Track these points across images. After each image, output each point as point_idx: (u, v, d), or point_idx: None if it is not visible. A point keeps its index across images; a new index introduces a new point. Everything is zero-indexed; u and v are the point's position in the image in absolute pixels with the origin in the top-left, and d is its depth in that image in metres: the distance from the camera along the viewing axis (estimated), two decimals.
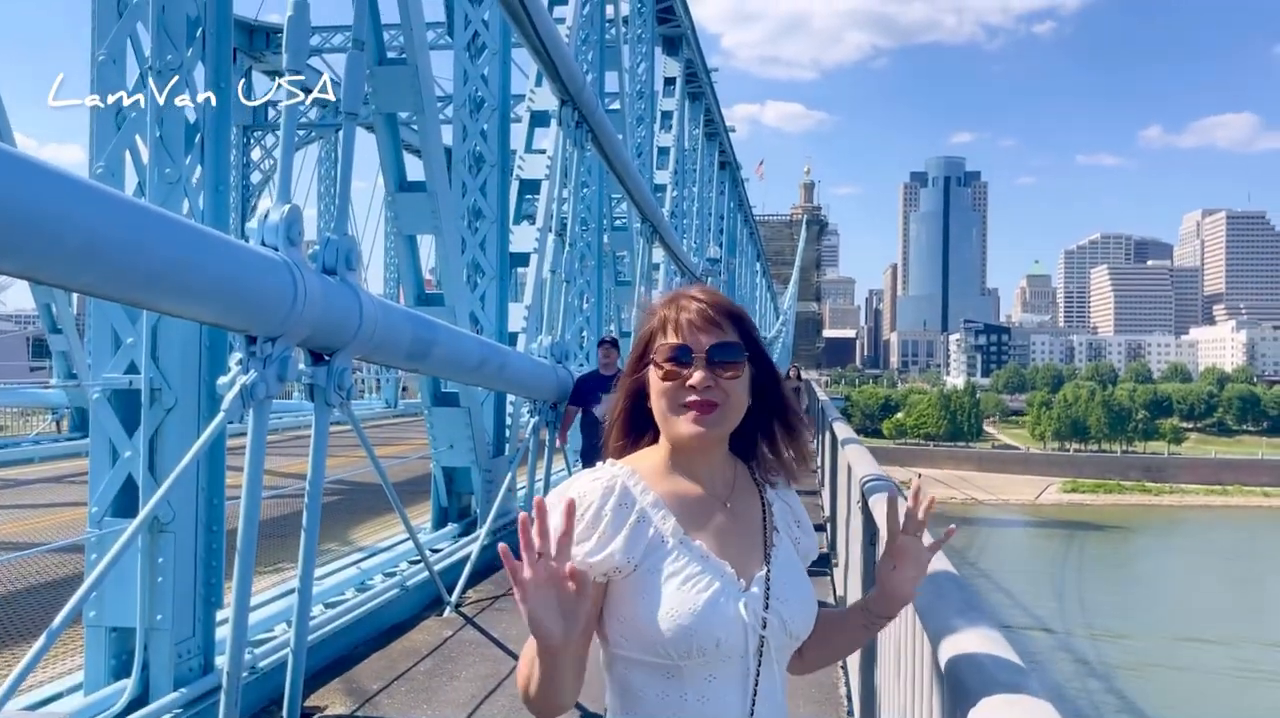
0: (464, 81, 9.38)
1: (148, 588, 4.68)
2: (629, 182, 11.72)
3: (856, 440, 6.55)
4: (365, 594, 7.05)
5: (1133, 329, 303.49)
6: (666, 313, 1.68)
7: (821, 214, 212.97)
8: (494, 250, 9.36)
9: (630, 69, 19.28)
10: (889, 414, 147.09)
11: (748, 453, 1.76)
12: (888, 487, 4.12)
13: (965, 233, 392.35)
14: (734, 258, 45.05)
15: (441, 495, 9.14)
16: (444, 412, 8.73)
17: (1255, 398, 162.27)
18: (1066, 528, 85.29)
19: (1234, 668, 41.44)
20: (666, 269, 21.14)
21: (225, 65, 5.02)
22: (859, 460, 5.08)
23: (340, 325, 4.80)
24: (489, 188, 9.34)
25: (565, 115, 9.45)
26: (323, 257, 4.87)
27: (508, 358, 7.64)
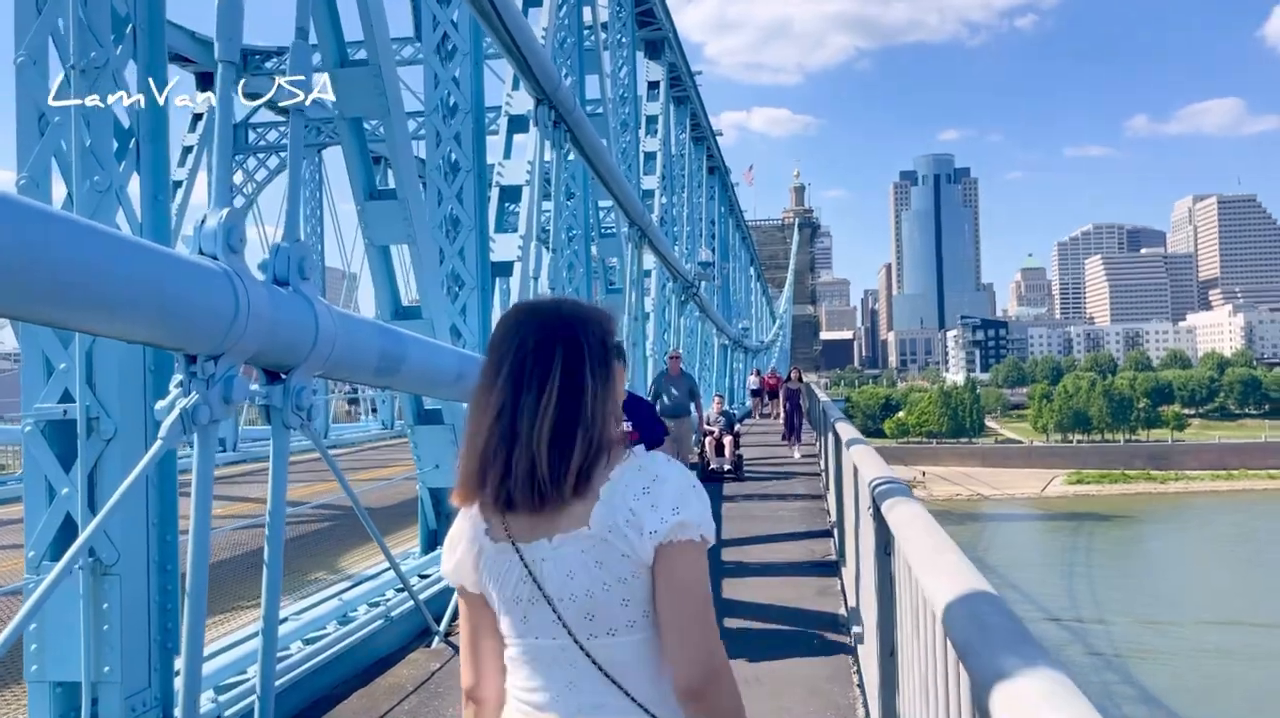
0: (435, 85, 9.00)
1: (92, 637, 4.26)
2: (614, 184, 11.31)
3: (862, 441, 6.15)
4: (347, 627, 6.63)
5: (1129, 318, 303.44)
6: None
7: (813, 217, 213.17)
8: (474, 259, 8.96)
9: (612, 74, 18.92)
10: (890, 414, 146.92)
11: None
12: (901, 490, 3.71)
13: (957, 230, 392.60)
14: (727, 262, 44.69)
15: (430, 517, 8.72)
16: (427, 430, 8.32)
17: (1256, 381, 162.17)
18: (1073, 520, 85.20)
19: (1246, 651, 41.53)
20: (659, 275, 20.76)
21: (160, 66, 4.64)
22: (867, 463, 4.67)
23: (294, 340, 4.38)
24: (465, 195, 8.94)
25: (541, 115, 9.05)
26: (273, 266, 4.46)
27: None
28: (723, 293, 42.48)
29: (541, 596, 1.71)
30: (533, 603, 1.72)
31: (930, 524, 2.85)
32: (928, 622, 2.54)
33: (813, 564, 8.74)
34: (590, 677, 1.71)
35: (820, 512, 12.17)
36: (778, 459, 19.81)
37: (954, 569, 2.25)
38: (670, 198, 24.97)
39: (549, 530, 1.72)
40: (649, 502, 1.70)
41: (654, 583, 1.70)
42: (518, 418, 1.72)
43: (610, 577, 1.69)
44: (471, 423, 1.79)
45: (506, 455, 1.71)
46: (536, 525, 1.72)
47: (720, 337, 35.05)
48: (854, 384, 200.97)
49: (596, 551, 1.69)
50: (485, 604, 1.81)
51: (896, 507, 3.36)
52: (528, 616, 1.73)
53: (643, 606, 1.71)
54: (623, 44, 19.61)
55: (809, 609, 7.07)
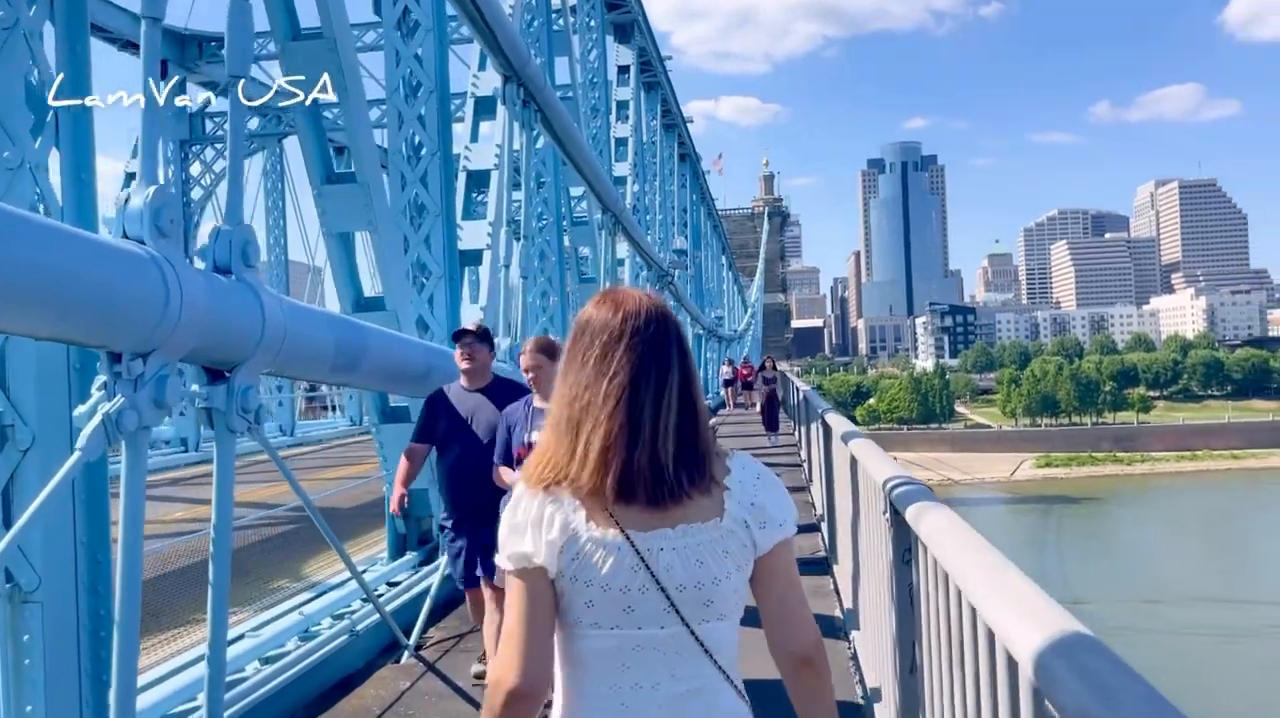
0: (396, 64, 8.48)
1: (11, 673, 3.76)
2: (586, 169, 10.82)
3: (859, 434, 5.74)
4: (310, 644, 6.15)
5: (1095, 302, 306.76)
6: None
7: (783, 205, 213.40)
8: (440, 247, 8.47)
9: (581, 57, 18.42)
10: (861, 401, 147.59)
11: None
12: (923, 493, 3.31)
13: (925, 217, 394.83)
14: (699, 251, 44.29)
15: (398, 521, 8.24)
16: (394, 428, 7.83)
17: (1219, 363, 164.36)
18: (1043, 503, 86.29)
19: (1212, 627, 42.54)
20: (632, 264, 20.30)
21: (80, 30, 4.14)
22: (876, 460, 4.25)
23: (237, 334, 3.91)
24: (431, 179, 8.44)
25: (510, 93, 8.53)
26: (213, 252, 3.99)
27: (455, 364, 6.75)
28: (696, 282, 42.10)
29: (655, 585, 1.72)
30: (643, 593, 1.72)
31: (977, 540, 2.44)
32: (983, 652, 2.16)
33: (802, 563, 8.32)
34: (693, 661, 1.74)
35: (805, 505, 11.80)
36: (755, 450, 19.49)
37: (1031, 603, 1.86)
38: (643, 185, 24.50)
39: (669, 520, 1.73)
40: (767, 497, 1.79)
41: (766, 570, 1.79)
42: (639, 407, 1.74)
43: (732, 565, 1.75)
44: (569, 409, 1.77)
45: (628, 446, 1.72)
46: (652, 518, 1.73)
47: (695, 326, 34.66)
48: (825, 372, 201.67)
49: (725, 540, 1.74)
50: (552, 592, 1.77)
51: (925, 514, 2.95)
52: (634, 606, 1.73)
53: (743, 591, 1.79)
54: (592, 27, 19.10)
55: None
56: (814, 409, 10.61)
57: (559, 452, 1.76)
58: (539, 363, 4.70)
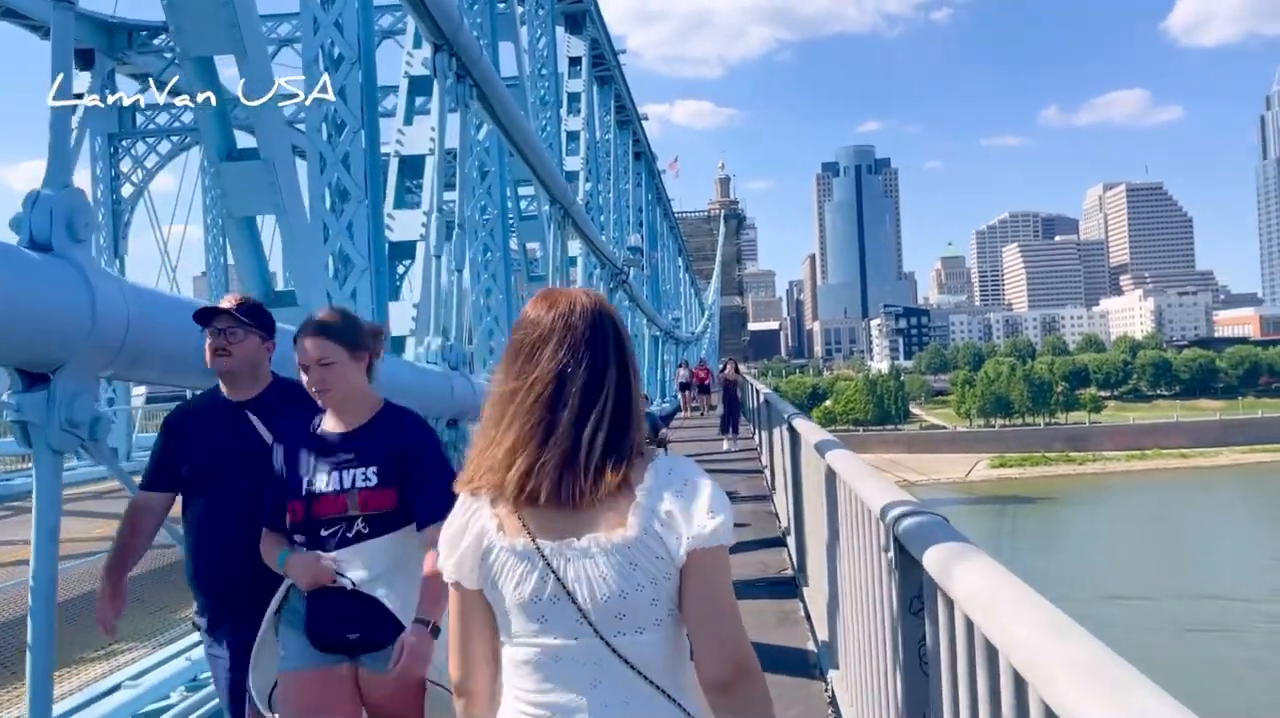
0: (314, 31, 7.57)
1: None
2: (531, 155, 9.92)
3: (837, 444, 4.94)
4: (199, 695, 5.25)
5: (1046, 304, 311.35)
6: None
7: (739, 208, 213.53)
8: (364, 237, 7.57)
9: (529, 45, 17.56)
10: (817, 403, 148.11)
11: None
12: (940, 528, 2.53)
13: (879, 219, 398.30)
14: (656, 251, 43.52)
15: None
16: None
17: (1167, 363, 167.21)
18: (998, 503, 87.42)
19: (1164, 622, 43.47)
20: (585, 262, 19.47)
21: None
22: (869, 483, 3.44)
23: (56, 326, 3.04)
24: (353, 161, 7.55)
25: (440, 64, 7.61)
26: (29, 222, 3.11)
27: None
28: (652, 283, 41.33)
29: (566, 595, 1.67)
30: (554, 602, 1.68)
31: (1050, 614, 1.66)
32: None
33: (768, 583, 7.57)
34: (616, 674, 1.69)
35: (768, 516, 11.04)
36: (712, 456, 18.72)
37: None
38: (595, 183, 23.67)
39: (577, 530, 1.69)
40: (684, 504, 1.69)
41: (684, 583, 1.70)
42: (559, 408, 1.69)
43: (644, 577, 1.68)
44: (495, 409, 1.73)
45: (540, 448, 1.67)
46: (562, 524, 1.69)
47: (651, 328, 33.84)
48: (781, 374, 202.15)
49: (632, 552, 1.67)
50: (481, 602, 1.76)
51: (954, 564, 2.17)
52: (547, 616, 1.69)
53: (668, 604, 1.71)
54: (540, 15, 18.23)
55: (769, 644, 5.89)
56: (776, 413, 9.86)
57: (483, 452, 1.72)
58: (325, 354, 2.88)
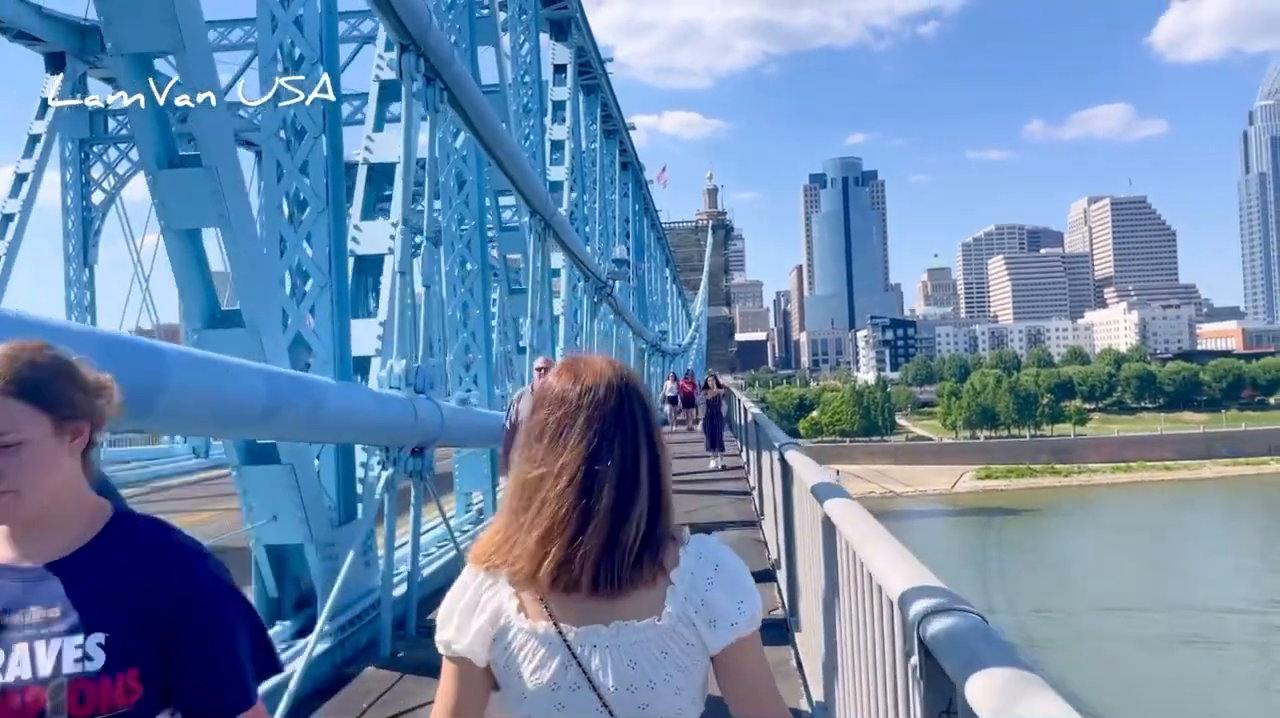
0: (272, 29, 7.04)
1: None
2: (508, 163, 9.36)
3: (842, 493, 4.37)
4: None
5: (1031, 316, 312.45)
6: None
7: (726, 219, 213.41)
8: (324, 249, 7.02)
9: (512, 51, 17.03)
10: (804, 413, 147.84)
11: None
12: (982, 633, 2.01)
13: (866, 231, 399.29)
14: (643, 263, 43.01)
15: (268, 584, 6.75)
16: (260, 472, 6.36)
17: (1151, 376, 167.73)
18: (983, 514, 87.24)
19: (1149, 635, 43.14)
20: (569, 275, 18.93)
21: None
22: (883, 554, 2.88)
23: None
24: (313, 168, 7.00)
25: (408, 65, 7.05)
26: None
27: (324, 395, 5.29)
28: (639, 295, 40.82)
29: (587, 683, 1.62)
30: (575, 690, 1.62)
31: None
32: None
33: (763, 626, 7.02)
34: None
35: (756, 544, 10.50)
36: (697, 475, 18.15)
37: None
38: (581, 193, 23.15)
39: (604, 616, 1.62)
40: (718, 592, 1.66)
41: (720, 671, 1.67)
42: (593, 495, 1.62)
43: (673, 667, 1.63)
44: (522, 493, 1.66)
45: (576, 531, 1.61)
46: (590, 610, 1.62)
47: (637, 340, 33.29)
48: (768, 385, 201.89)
49: (665, 640, 1.62)
50: (485, 678, 1.71)
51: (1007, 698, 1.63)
52: (565, 704, 1.63)
53: (692, 692, 1.67)
54: (524, 20, 17.71)
55: None
56: (766, 437, 9.32)
57: (507, 530, 1.66)
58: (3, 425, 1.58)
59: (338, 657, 6.75)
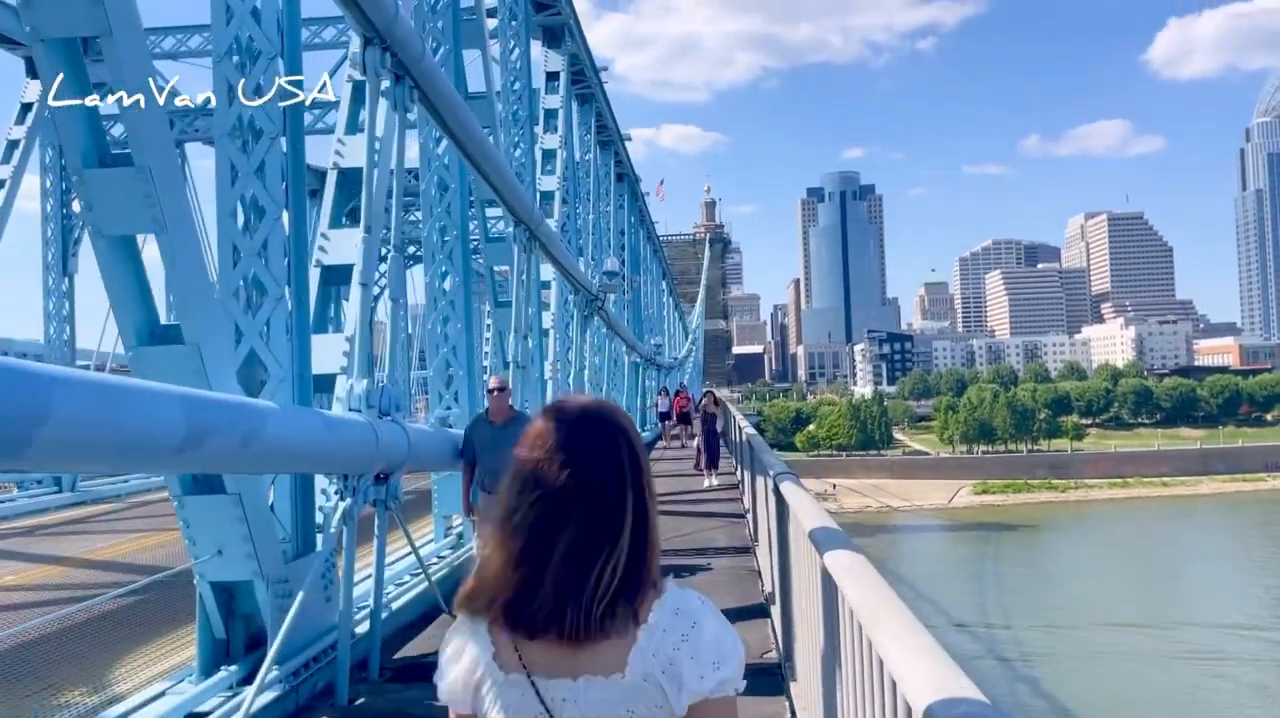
0: (226, 20, 6.49)
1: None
2: (490, 169, 8.76)
3: (849, 544, 3.77)
4: None
5: (1028, 331, 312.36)
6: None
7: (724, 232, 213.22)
8: (279, 259, 6.46)
9: (502, 56, 16.52)
10: (801, 427, 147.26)
11: None
12: None
13: (863, 245, 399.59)
14: (638, 276, 42.45)
15: (215, 625, 6.15)
16: (202, 502, 5.77)
17: (1148, 391, 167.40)
18: (980, 529, 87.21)
19: (1144, 650, 43.27)
20: (559, 288, 18.37)
21: None
22: (895, 636, 2.33)
23: None
24: (270, 171, 6.45)
25: (372, 60, 6.50)
26: None
27: (262, 422, 4.70)
28: (634, 308, 40.27)
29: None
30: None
31: None
32: None
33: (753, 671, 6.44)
34: None
35: (750, 574, 9.92)
36: (691, 494, 17.56)
37: None
38: (574, 204, 22.62)
39: (573, 669, 1.58)
40: (689, 652, 1.58)
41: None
42: (564, 526, 1.58)
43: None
44: (499, 529, 1.64)
45: (535, 576, 1.57)
46: (559, 661, 1.58)
47: (631, 354, 32.68)
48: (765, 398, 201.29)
49: (630, 698, 1.57)
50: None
51: None
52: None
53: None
54: (514, 25, 17.19)
55: None
56: (760, 462, 8.76)
57: (490, 574, 1.62)
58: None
59: (290, 704, 6.16)
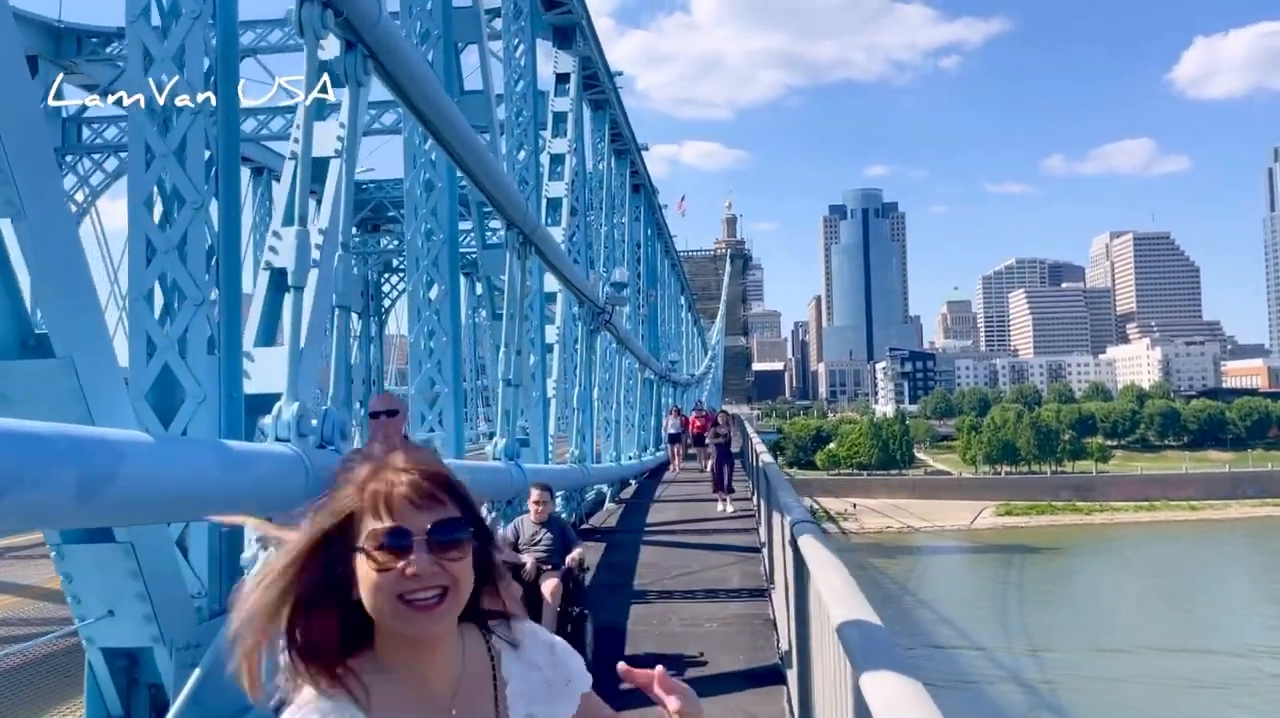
0: None
1: None
2: (466, 154, 7.58)
3: (885, 647, 2.68)
4: None
5: (1052, 350, 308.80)
6: (373, 486, 1.50)
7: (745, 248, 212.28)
8: (203, 258, 5.41)
9: (505, 53, 15.50)
10: (821, 445, 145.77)
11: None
12: None
13: (885, 263, 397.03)
14: (654, 290, 41.29)
15: (110, 699, 5.04)
16: (85, 553, 4.68)
17: (1175, 413, 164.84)
18: (1003, 552, 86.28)
19: (1169, 677, 42.59)
20: (565, 301, 17.27)
21: None
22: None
23: None
24: (192, 153, 5.41)
25: (310, 17, 5.35)
26: None
27: (117, 460, 3.51)
28: (649, 323, 39.13)
29: None
30: None
31: None
32: None
33: None
34: None
35: (764, 624, 8.73)
36: (705, 523, 16.37)
37: None
38: (584, 214, 21.55)
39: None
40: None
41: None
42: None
43: None
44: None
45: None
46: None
47: (645, 371, 31.50)
48: (785, 415, 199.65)
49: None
50: None
51: None
52: None
53: None
54: (520, 22, 16.15)
55: None
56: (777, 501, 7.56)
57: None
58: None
59: None
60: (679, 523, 15.76)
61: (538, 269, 14.40)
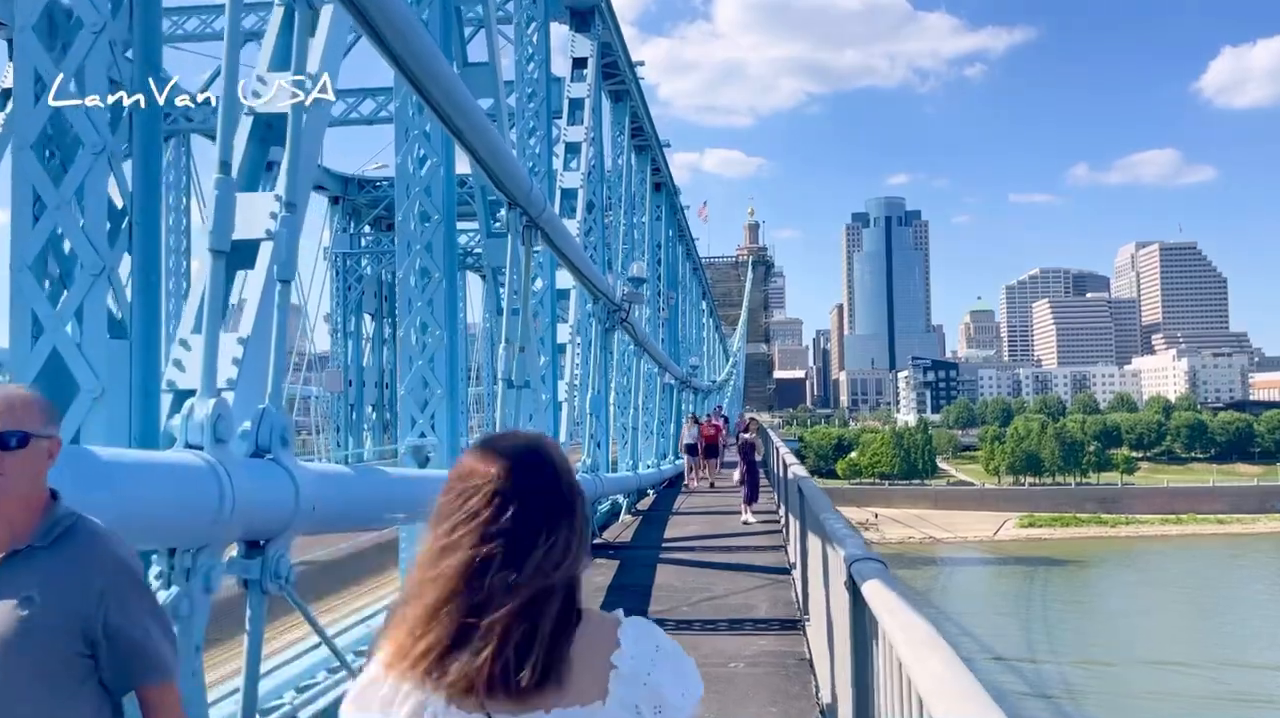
0: None
1: None
2: (451, 110, 6.36)
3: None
4: None
5: (1076, 361, 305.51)
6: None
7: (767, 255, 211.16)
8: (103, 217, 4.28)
9: (516, 31, 14.39)
10: (843, 454, 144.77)
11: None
12: None
13: (908, 271, 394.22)
14: (676, 293, 40.06)
15: None
16: None
17: (1203, 425, 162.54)
18: (1027, 564, 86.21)
19: (1190, 691, 42.10)
20: (580, 298, 16.13)
21: None
22: None
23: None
24: (92, 81, 4.29)
25: None
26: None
27: None
28: (670, 327, 37.94)
29: None
30: None
31: None
32: None
33: None
34: None
35: (798, 666, 7.50)
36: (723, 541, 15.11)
37: None
38: (601, 209, 20.41)
39: (541, 704, 1.52)
40: (662, 676, 1.59)
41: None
42: (478, 585, 1.51)
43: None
44: (419, 572, 1.56)
45: (455, 639, 1.50)
46: (523, 699, 1.51)
47: (664, 375, 30.28)
48: (806, 424, 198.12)
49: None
50: None
51: None
52: None
53: None
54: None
55: None
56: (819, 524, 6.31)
57: (413, 631, 1.52)
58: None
59: None
60: (699, 538, 14.58)
61: (550, 262, 13.27)
